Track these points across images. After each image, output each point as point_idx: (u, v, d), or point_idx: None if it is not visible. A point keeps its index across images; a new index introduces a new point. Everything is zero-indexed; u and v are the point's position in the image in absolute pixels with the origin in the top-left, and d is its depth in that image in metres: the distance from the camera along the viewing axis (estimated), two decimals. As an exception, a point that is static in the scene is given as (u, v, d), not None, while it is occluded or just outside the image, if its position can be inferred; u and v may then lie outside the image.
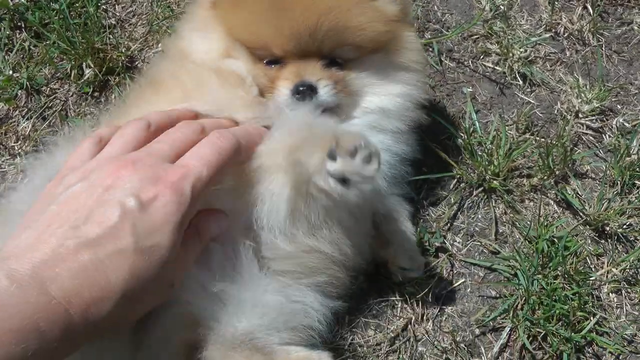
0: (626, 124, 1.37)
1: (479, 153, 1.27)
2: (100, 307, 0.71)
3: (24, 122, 1.30)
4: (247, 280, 0.94)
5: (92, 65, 1.30)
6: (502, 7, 1.46)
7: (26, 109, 1.31)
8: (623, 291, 1.21)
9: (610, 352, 1.14)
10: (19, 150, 1.27)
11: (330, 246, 0.98)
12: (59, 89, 1.33)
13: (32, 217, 0.78)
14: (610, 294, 1.20)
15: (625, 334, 1.16)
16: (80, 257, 0.71)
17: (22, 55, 1.35)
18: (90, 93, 1.32)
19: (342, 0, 1.04)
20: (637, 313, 1.18)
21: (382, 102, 1.08)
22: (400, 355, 1.13)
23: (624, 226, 1.25)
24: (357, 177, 0.84)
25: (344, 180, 0.84)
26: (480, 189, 1.27)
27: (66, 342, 0.70)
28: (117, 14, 1.42)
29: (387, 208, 1.13)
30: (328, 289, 1.02)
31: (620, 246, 1.25)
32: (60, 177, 0.84)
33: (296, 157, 0.89)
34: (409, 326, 1.15)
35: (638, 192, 1.29)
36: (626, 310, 1.19)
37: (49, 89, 1.33)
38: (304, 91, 1.01)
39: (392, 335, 1.14)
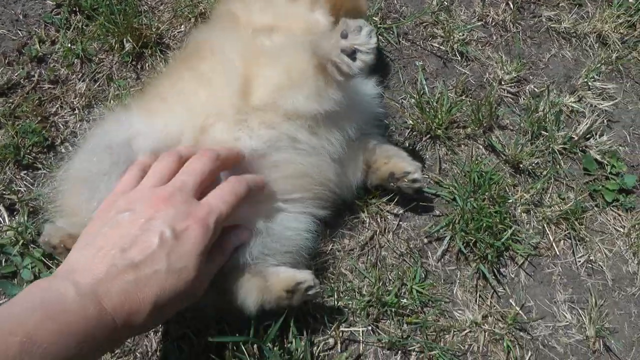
0: (535, 90, 1.53)
1: (427, 110, 1.39)
2: (137, 317, 0.78)
3: (80, 83, 1.43)
4: (263, 217, 1.03)
5: (130, 40, 1.46)
6: (446, 3, 1.64)
7: (81, 74, 1.45)
8: (531, 211, 1.35)
9: (521, 255, 1.29)
10: (77, 105, 1.40)
11: (324, 167, 1.10)
12: (105, 59, 1.48)
13: (89, 237, 0.84)
14: (522, 213, 1.34)
15: (532, 242, 1.30)
16: (126, 277, 0.77)
17: (77, 33, 1.50)
18: (129, 62, 1.47)
19: None
20: (540, 227, 1.33)
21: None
22: (368, 258, 1.24)
23: (533, 164, 1.39)
24: (363, 47, 0.93)
25: (351, 56, 0.94)
26: (428, 136, 1.40)
27: (110, 343, 0.78)
28: (149, 2, 1.59)
29: (374, 143, 1.26)
30: (317, 205, 1.14)
31: (530, 179, 1.39)
32: (111, 202, 0.89)
33: (317, 42, 1.00)
34: (375, 236, 1.27)
35: (543, 140, 1.43)
36: (533, 224, 1.34)
37: (97, 58, 1.47)
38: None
39: (362, 243, 1.26)
